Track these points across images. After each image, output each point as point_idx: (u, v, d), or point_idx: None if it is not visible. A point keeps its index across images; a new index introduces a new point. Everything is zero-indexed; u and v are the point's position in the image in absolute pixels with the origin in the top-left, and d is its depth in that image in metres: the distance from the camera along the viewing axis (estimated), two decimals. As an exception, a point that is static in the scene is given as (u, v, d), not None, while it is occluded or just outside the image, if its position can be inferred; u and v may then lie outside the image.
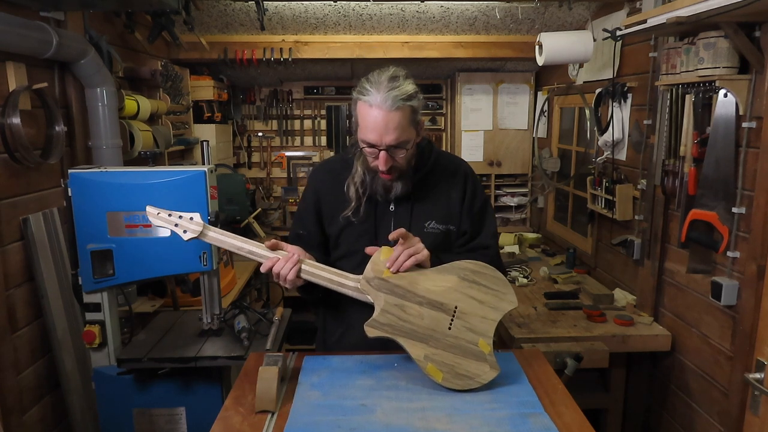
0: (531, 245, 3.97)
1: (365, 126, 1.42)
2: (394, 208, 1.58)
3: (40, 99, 2.14)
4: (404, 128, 1.42)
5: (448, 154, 1.72)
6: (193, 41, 3.40)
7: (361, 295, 1.43)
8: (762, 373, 1.86)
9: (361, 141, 1.46)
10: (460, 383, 1.36)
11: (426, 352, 1.37)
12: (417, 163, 1.58)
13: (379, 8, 3.30)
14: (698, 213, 2.14)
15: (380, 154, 1.44)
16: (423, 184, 1.59)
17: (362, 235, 1.57)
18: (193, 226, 1.48)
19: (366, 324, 1.38)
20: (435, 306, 1.40)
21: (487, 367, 1.38)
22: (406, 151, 1.46)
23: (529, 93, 4.33)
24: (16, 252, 2.02)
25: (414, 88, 1.45)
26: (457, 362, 1.37)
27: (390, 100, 1.39)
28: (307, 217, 1.65)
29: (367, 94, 1.40)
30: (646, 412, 2.70)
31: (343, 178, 1.58)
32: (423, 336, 1.38)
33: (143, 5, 2.49)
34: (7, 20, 1.81)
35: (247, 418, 1.30)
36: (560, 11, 3.31)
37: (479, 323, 1.41)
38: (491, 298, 1.43)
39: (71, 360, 2.20)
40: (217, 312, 2.06)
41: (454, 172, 1.64)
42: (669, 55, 2.28)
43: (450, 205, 1.60)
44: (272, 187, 4.61)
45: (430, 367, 1.36)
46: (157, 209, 1.50)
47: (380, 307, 1.39)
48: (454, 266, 1.43)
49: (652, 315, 2.58)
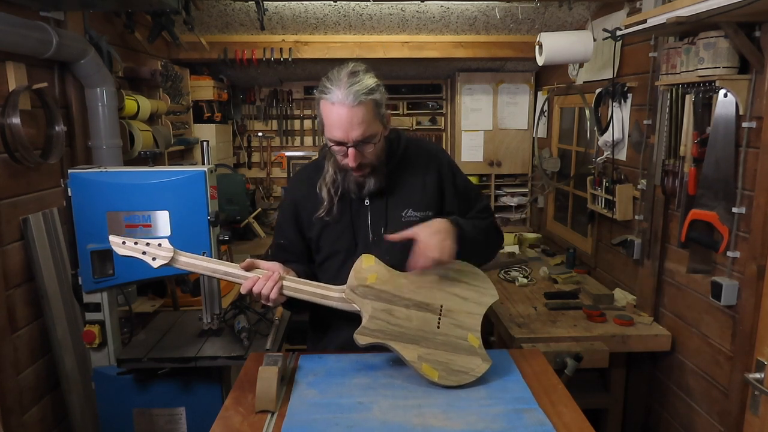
0: (531, 245, 3.97)
1: (330, 124, 1.42)
2: (368, 202, 1.57)
3: (40, 99, 2.14)
4: (369, 122, 1.41)
5: (418, 141, 1.69)
6: (193, 41, 3.40)
7: (347, 305, 1.42)
8: (762, 373, 1.86)
9: (329, 140, 1.45)
10: (456, 379, 1.37)
11: (419, 353, 1.38)
12: (387, 153, 1.56)
13: (379, 8, 3.30)
14: (698, 213, 2.14)
15: (348, 151, 1.43)
16: (396, 174, 1.58)
17: (341, 235, 1.57)
18: (162, 253, 1.39)
19: (356, 332, 1.37)
20: (421, 307, 1.42)
21: (479, 360, 1.40)
22: (374, 145, 1.45)
23: (529, 93, 4.33)
24: (16, 252, 2.02)
25: (375, 82, 1.43)
26: (451, 359, 1.39)
27: (351, 96, 1.37)
28: (287, 226, 1.64)
29: (328, 93, 1.39)
30: (646, 412, 2.70)
31: (317, 181, 1.57)
32: (414, 337, 1.39)
33: (143, 5, 2.49)
34: (7, 20, 1.82)
35: (247, 418, 1.30)
36: (560, 11, 3.31)
37: (466, 319, 1.44)
38: (473, 293, 1.46)
39: (71, 360, 2.20)
40: (217, 312, 2.07)
41: (426, 157, 1.62)
42: (669, 55, 2.27)
43: (426, 191, 1.59)
44: (272, 187, 4.61)
45: (425, 367, 1.37)
46: (121, 238, 1.40)
47: (368, 314, 1.39)
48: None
49: (652, 315, 2.58)
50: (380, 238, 1.55)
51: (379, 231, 1.56)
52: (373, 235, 1.56)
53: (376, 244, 1.55)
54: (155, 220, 1.86)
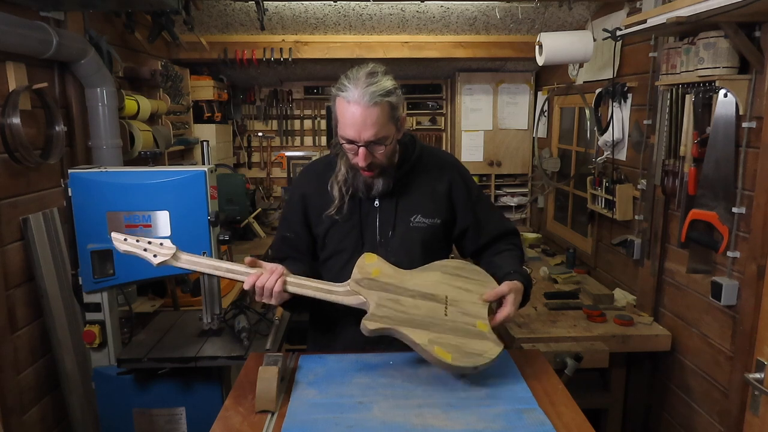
0: (531, 245, 3.97)
1: (344, 122, 1.42)
2: (378, 204, 1.57)
3: (40, 99, 2.14)
4: (383, 124, 1.42)
5: (432, 149, 1.70)
6: (193, 41, 3.41)
7: (352, 297, 1.41)
8: (762, 373, 1.86)
9: (341, 137, 1.45)
10: (471, 361, 1.34)
11: (430, 337, 1.35)
12: (401, 158, 1.57)
13: (379, 8, 3.30)
14: (698, 213, 2.14)
15: (359, 151, 1.43)
16: (408, 179, 1.58)
17: (348, 234, 1.57)
18: (164, 251, 1.39)
19: (364, 318, 1.36)
20: (427, 297, 1.42)
21: (491, 343, 1.38)
22: (385, 147, 1.45)
23: (529, 93, 4.34)
24: (16, 252, 2.02)
25: (393, 84, 1.44)
26: (462, 342, 1.36)
27: (368, 96, 1.38)
28: (294, 219, 1.63)
29: (345, 90, 1.40)
30: (646, 412, 2.70)
31: (328, 178, 1.57)
32: (423, 323, 1.38)
33: (143, 5, 2.49)
34: (7, 20, 1.82)
35: (247, 418, 1.30)
36: (560, 11, 3.31)
37: (472, 307, 1.43)
38: (476, 286, 1.47)
39: (71, 360, 2.20)
40: (217, 312, 2.07)
41: (439, 165, 1.63)
42: (669, 55, 2.28)
43: (436, 198, 1.59)
44: (272, 187, 4.61)
45: (437, 349, 1.33)
46: (123, 235, 1.41)
47: (375, 303, 1.38)
48: (435, 264, 1.48)
49: (652, 315, 2.58)
50: (387, 240, 1.56)
51: (387, 233, 1.56)
52: (380, 237, 1.56)
53: (382, 246, 1.56)
54: (155, 220, 1.86)
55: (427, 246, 1.57)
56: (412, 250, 1.56)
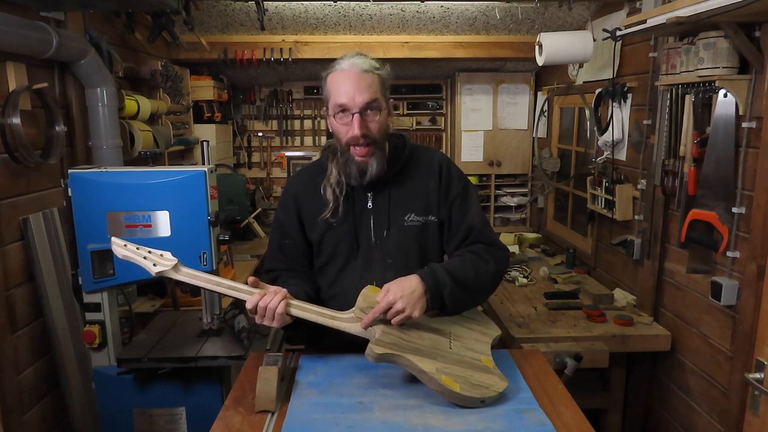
0: (531, 245, 3.98)
1: (337, 91, 1.44)
2: (372, 205, 1.56)
3: (40, 99, 2.14)
4: (375, 90, 1.44)
5: (422, 147, 1.69)
6: (193, 41, 3.40)
7: (357, 325, 1.38)
8: (762, 373, 1.86)
9: (333, 108, 1.45)
10: (478, 392, 1.33)
11: (437, 366, 1.34)
12: (391, 156, 1.56)
13: (379, 8, 3.30)
14: (698, 213, 2.14)
15: (354, 118, 1.42)
16: (399, 178, 1.58)
17: (343, 236, 1.56)
18: (164, 261, 1.38)
19: (371, 343, 1.33)
20: (431, 330, 1.43)
21: (496, 378, 1.37)
22: (378, 113, 1.45)
23: (529, 93, 4.33)
24: (16, 252, 2.02)
25: (381, 64, 1.49)
26: (469, 374, 1.36)
27: (359, 63, 1.44)
28: (290, 224, 1.62)
29: (336, 66, 1.46)
30: (646, 412, 2.70)
31: (320, 182, 1.56)
32: (429, 353, 1.37)
33: (143, 5, 2.49)
34: (7, 20, 1.82)
35: (247, 418, 1.30)
36: (560, 11, 3.31)
37: (476, 344, 1.45)
38: (477, 326, 1.51)
39: (71, 360, 2.20)
40: (217, 312, 2.07)
41: (429, 163, 1.62)
42: (669, 55, 2.28)
43: (428, 195, 1.58)
44: (272, 187, 4.61)
45: (445, 378, 1.32)
46: (123, 240, 1.40)
47: (380, 330, 1.36)
48: None
49: (652, 315, 2.58)
50: (382, 241, 1.55)
51: (381, 234, 1.55)
52: (375, 238, 1.56)
53: (377, 247, 1.55)
54: (155, 220, 1.86)
55: (423, 245, 1.57)
56: (408, 250, 1.55)
